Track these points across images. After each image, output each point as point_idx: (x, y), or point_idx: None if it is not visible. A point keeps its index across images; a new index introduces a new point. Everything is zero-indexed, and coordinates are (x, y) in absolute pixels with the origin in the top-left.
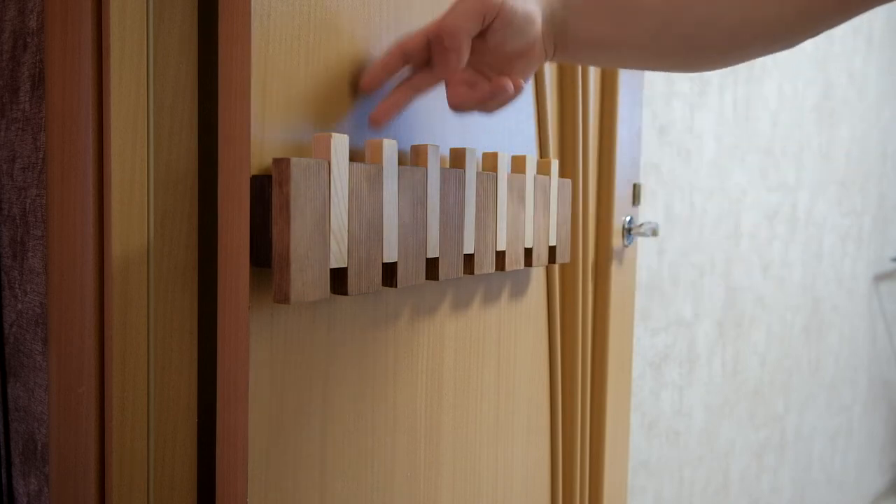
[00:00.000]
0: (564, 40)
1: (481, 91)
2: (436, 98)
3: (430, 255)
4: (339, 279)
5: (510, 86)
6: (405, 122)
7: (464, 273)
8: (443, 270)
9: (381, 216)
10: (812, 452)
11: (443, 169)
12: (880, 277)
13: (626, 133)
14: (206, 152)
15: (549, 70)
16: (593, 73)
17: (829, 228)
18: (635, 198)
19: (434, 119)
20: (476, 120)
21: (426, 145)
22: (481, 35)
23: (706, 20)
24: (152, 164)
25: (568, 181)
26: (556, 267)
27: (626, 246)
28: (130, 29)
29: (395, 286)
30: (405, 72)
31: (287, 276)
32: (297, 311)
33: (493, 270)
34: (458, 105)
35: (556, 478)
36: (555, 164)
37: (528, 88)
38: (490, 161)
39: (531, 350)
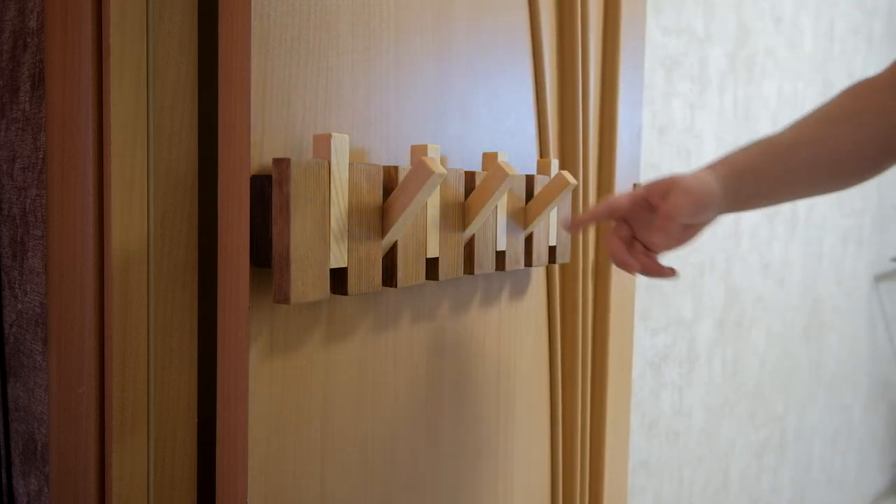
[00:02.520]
0: (735, 206)
1: (638, 260)
2: (436, 98)
3: (430, 255)
4: (339, 279)
5: (665, 272)
6: (405, 121)
7: (464, 273)
8: (443, 270)
9: (381, 216)
10: (812, 452)
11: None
12: (880, 277)
13: (627, 133)
14: (206, 152)
15: (550, 70)
16: (593, 74)
17: (829, 228)
18: None
19: (434, 119)
20: (476, 120)
21: (426, 145)
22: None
23: (854, 157)
24: (152, 164)
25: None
26: (556, 267)
27: None
28: (130, 29)
29: (395, 286)
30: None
31: (287, 276)
32: (297, 311)
33: (493, 270)
34: (625, 264)
35: (556, 477)
36: (555, 164)
37: (529, 88)
38: (490, 161)
39: (531, 350)
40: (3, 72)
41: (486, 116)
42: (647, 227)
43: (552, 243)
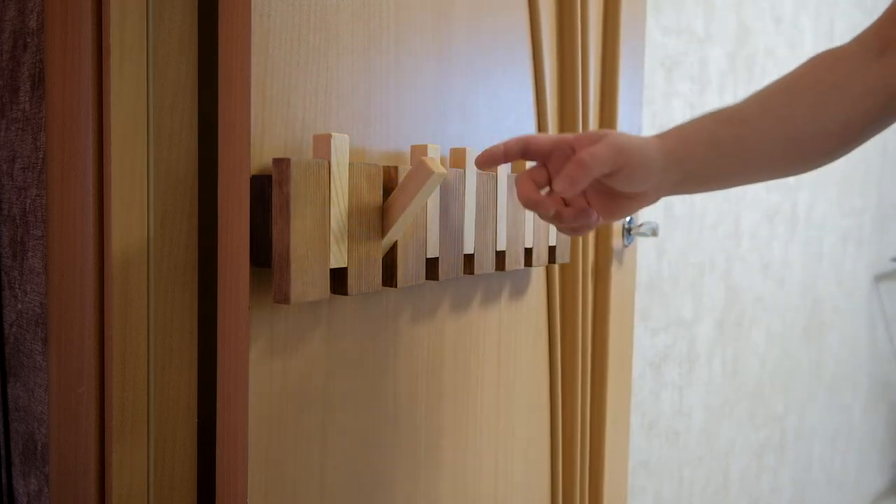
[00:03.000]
0: (683, 184)
1: (571, 208)
2: (436, 98)
3: (430, 255)
4: (339, 279)
5: (594, 218)
6: (405, 121)
7: (464, 273)
8: (443, 270)
9: (381, 216)
10: (812, 452)
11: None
12: (880, 277)
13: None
14: (206, 152)
15: (550, 70)
16: (593, 73)
17: (829, 228)
18: None
19: (434, 119)
20: (476, 120)
21: (426, 145)
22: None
23: (815, 131)
24: (152, 164)
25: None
26: (556, 267)
27: (625, 246)
28: (130, 29)
29: (396, 286)
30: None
31: (287, 276)
32: (297, 311)
33: (493, 270)
34: (530, 201)
35: (556, 477)
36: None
37: (529, 88)
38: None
39: (531, 350)
40: (3, 72)
41: (486, 116)
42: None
43: (552, 243)
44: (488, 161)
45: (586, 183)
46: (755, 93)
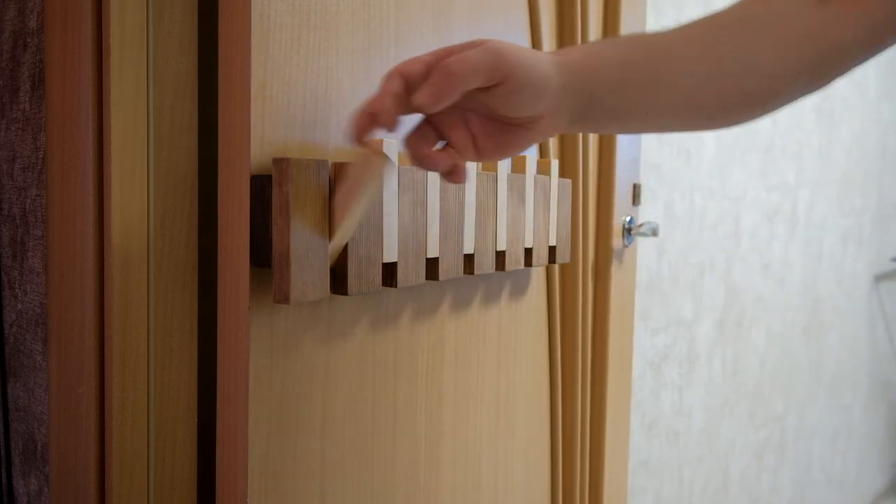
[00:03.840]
0: (586, 113)
1: (445, 156)
2: None
3: (430, 255)
4: (339, 279)
5: (460, 176)
6: (405, 121)
7: (464, 273)
8: (443, 270)
9: (381, 216)
10: (812, 452)
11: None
12: (880, 277)
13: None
14: (206, 152)
15: None
16: None
17: (829, 228)
18: (635, 198)
19: None
20: None
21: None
22: (483, 91)
23: (741, 71)
24: (152, 164)
25: (568, 181)
26: (556, 267)
27: (626, 246)
28: (130, 29)
29: (395, 286)
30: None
31: (287, 276)
32: (297, 311)
33: (493, 270)
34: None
35: (556, 477)
36: (555, 165)
37: None
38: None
39: (531, 350)
40: (3, 72)
41: None
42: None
43: (552, 243)
44: (369, 123)
45: (454, 97)
46: (681, 24)
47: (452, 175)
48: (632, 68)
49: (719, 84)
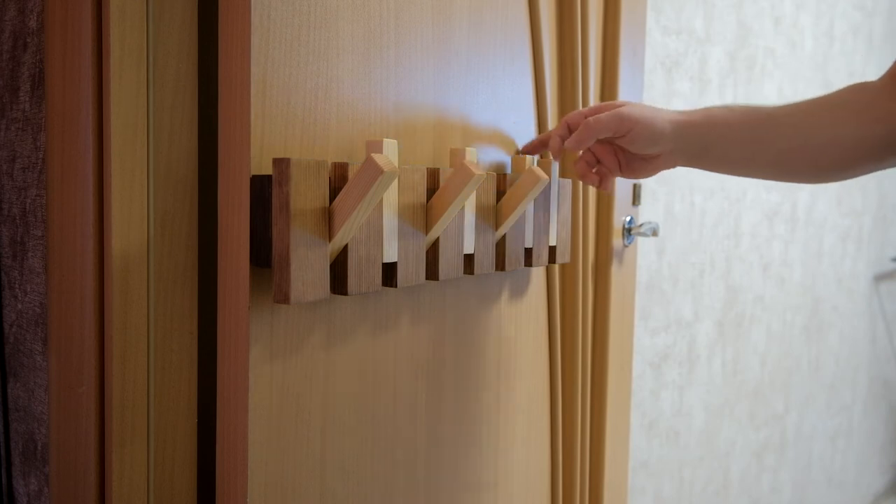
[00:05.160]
0: (698, 160)
1: (595, 175)
2: (436, 98)
3: (430, 256)
4: (339, 279)
5: (608, 187)
6: (405, 121)
7: (464, 273)
8: (443, 270)
9: (381, 216)
10: (812, 452)
11: (442, 169)
12: (880, 277)
13: None
14: (206, 152)
15: (549, 69)
16: (593, 73)
17: (829, 228)
18: (635, 198)
19: (434, 119)
20: (476, 120)
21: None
22: (616, 137)
23: (825, 143)
24: (152, 164)
25: (568, 181)
26: (557, 267)
27: (626, 246)
28: (130, 29)
29: (395, 286)
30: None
31: (287, 276)
32: (297, 311)
33: (493, 270)
34: (578, 173)
35: (557, 477)
36: (555, 165)
37: (529, 88)
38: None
39: (531, 350)
40: (3, 72)
41: (486, 116)
42: (603, 145)
43: (552, 243)
44: (534, 150)
45: (590, 142)
46: (785, 104)
47: (601, 187)
48: (739, 129)
49: (807, 150)
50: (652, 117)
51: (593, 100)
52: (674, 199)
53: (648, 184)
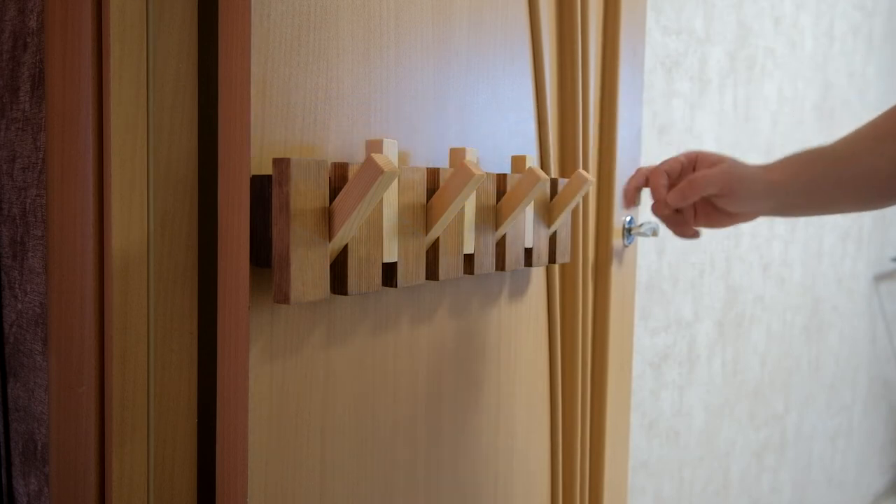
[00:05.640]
0: (780, 211)
1: (683, 223)
2: (436, 98)
3: (430, 256)
4: (339, 279)
5: (691, 230)
6: (405, 121)
7: (464, 273)
8: (443, 270)
9: (381, 216)
10: (812, 452)
11: (443, 169)
12: (880, 277)
13: (627, 133)
14: (206, 152)
15: (549, 69)
16: (594, 73)
17: (829, 228)
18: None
19: (434, 119)
20: (476, 120)
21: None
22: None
23: (891, 175)
24: (152, 164)
25: (568, 181)
26: (557, 267)
27: (626, 246)
28: (130, 29)
29: (395, 286)
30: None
31: (287, 276)
32: (297, 311)
33: (493, 270)
34: (657, 200)
35: (557, 477)
36: (555, 165)
37: (529, 88)
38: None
39: (531, 350)
40: (3, 72)
41: (486, 116)
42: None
43: (552, 243)
44: (634, 193)
45: (695, 199)
46: (850, 135)
47: (687, 237)
48: (814, 181)
49: (877, 185)
50: (751, 177)
51: (593, 100)
52: None
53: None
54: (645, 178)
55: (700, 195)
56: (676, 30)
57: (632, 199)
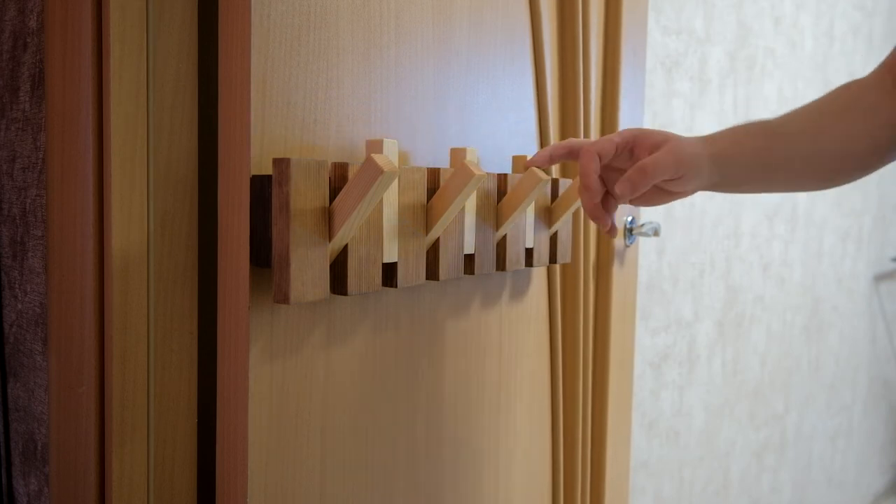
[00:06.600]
0: (719, 185)
1: (608, 211)
2: (436, 98)
3: (430, 256)
4: (338, 279)
5: (615, 232)
6: (405, 121)
7: (464, 273)
8: (443, 270)
9: (381, 216)
10: (812, 452)
11: (443, 169)
12: (880, 277)
13: None
14: (206, 152)
15: (550, 70)
16: (594, 73)
17: (830, 228)
18: None
19: (434, 119)
20: (476, 120)
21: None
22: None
23: (839, 153)
24: (152, 164)
25: (569, 181)
26: (557, 267)
27: (627, 246)
28: (130, 29)
29: (395, 286)
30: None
31: (287, 276)
32: (297, 311)
33: (494, 270)
34: (590, 189)
35: (557, 478)
36: (555, 165)
37: (530, 88)
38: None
39: (532, 350)
40: (3, 72)
41: (487, 116)
42: (617, 172)
43: (553, 243)
44: (540, 162)
45: (646, 188)
46: (791, 112)
47: (611, 232)
48: (757, 154)
49: (824, 163)
50: (698, 155)
51: (594, 100)
52: None
53: None
54: (567, 152)
55: (651, 184)
56: (676, 30)
57: (538, 161)
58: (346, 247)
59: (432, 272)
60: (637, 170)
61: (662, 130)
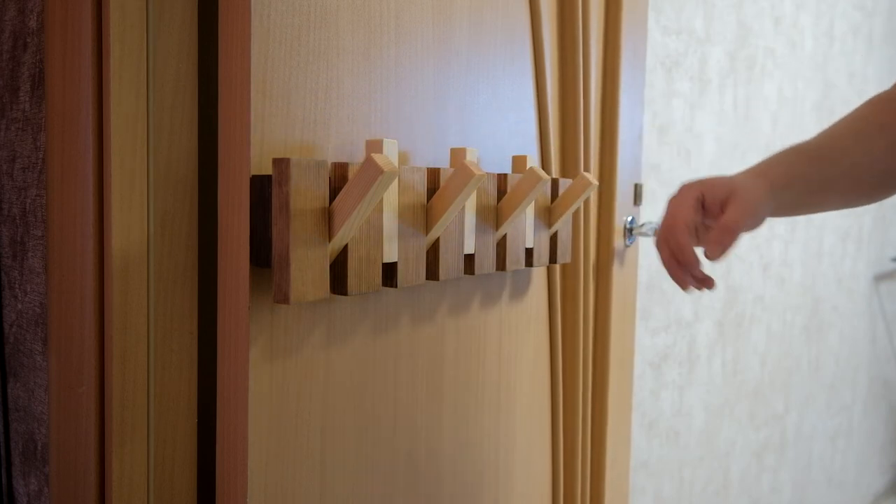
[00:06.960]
0: (772, 216)
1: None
2: (436, 98)
3: (430, 256)
4: (338, 279)
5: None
6: (405, 121)
7: (464, 273)
8: (443, 270)
9: (381, 216)
10: (812, 452)
11: (443, 169)
12: (880, 277)
13: (628, 133)
14: (206, 152)
15: (550, 70)
16: (594, 74)
17: (829, 228)
18: (637, 198)
19: (434, 119)
20: (476, 120)
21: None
22: None
23: (881, 174)
24: (152, 164)
25: (569, 181)
26: (558, 267)
27: (627, 246)
28: (130, 29)
29: (395, 286)
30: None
31: (287, 276)
32: (297, 311)
33: (494, 270)
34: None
35: (558, 477)
36: (556, 165)
37: (530, 89)
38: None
39: (532, 350)
40: (3, 72)
41: (487, 116)
42: (700, 233)
43: (553, 243)
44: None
45: (734, 243)
46: (830, 131)
47: (704, 287)
48: (808, 183)
49: (869, 181)
50: (764, 200)
51: (594, 100)
52: None
53: (649, 184)
54: (670, 255)
55: (738, 237)
56: (676, 30)
57: (695, 284)
58: (346, 247)
59: (432, 272)
60: (720, 231)
61: (721, 178)
